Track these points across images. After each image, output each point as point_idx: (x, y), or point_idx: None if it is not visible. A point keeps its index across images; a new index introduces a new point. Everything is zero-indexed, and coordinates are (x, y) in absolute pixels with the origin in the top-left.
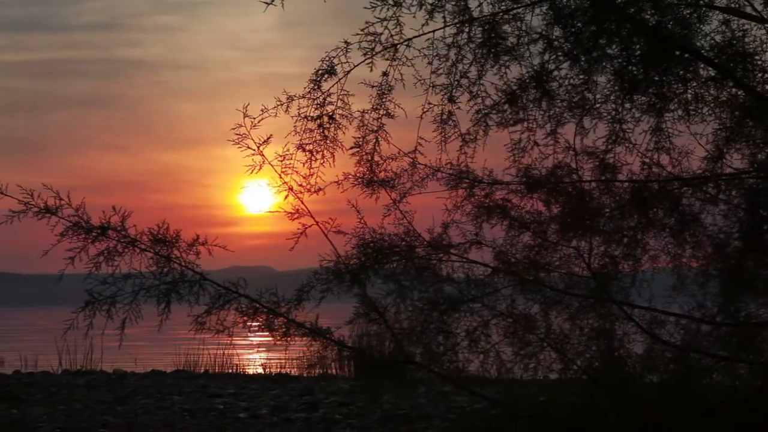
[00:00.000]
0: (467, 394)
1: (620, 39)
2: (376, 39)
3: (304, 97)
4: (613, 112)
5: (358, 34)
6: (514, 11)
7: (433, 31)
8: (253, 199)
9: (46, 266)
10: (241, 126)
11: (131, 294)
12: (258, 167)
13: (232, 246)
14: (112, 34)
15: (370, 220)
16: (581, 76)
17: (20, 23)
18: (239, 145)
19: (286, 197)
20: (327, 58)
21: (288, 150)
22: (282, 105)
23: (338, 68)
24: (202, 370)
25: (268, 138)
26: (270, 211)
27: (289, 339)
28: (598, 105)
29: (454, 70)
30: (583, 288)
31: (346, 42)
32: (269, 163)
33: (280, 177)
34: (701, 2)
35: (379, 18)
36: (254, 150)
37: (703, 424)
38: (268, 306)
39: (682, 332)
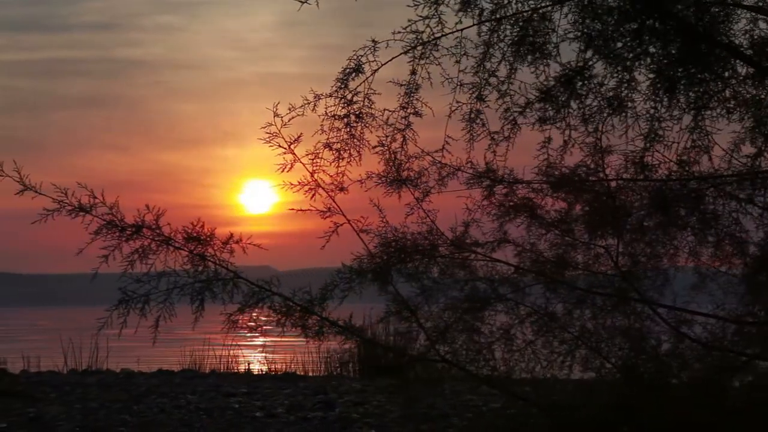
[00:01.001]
0: (483, 393)
1: (661, 37)
2: (418, 37)
3: (331, 95)
4: (652, 110)
5: (399, 32)
6: (545, 9)
7: (461, 30)
8: (255, 197)
9: (46, 266)
10: (271, 125)
11: (164, 292)
12: (289, 166)
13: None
14: (112, 34)
15: (392, 219)
16: (622, 74)
17: (20, 23)
18: (270, 144)
19: (312, 196)
20: (354, 57)
21: (315, 149)
22: (309, 104)
23: (366, 67)
24: (208, 370)
25: (299, 137)
26: (299, 210)
27: (322, 337)
28: (635, 104)
29: (481, 68)
30: (608, 287)
31: (374, 41)
32: (300, 162)
33: (312, 175)
34: (729, 1)
35: (421, 16)
36: (285, 148)
37: (734, 422)
38: (301, 304)
39: (709, 331)
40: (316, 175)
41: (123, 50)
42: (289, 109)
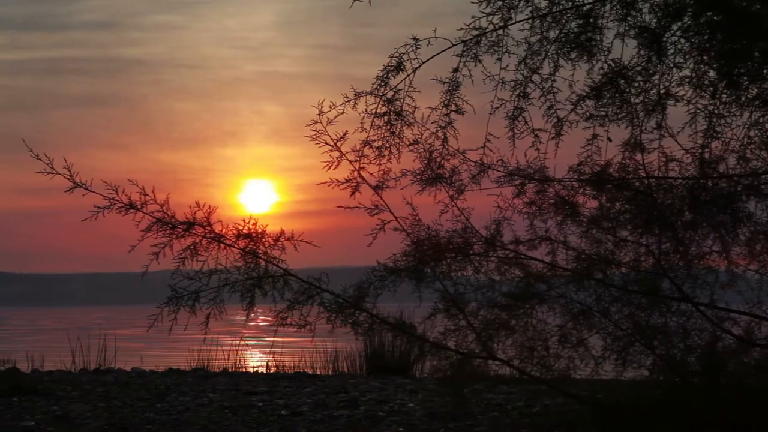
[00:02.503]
0: (503, 392)
1: (726, 32)
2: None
3: (371, 93)
4: (711, 107)
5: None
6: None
7: (505, 26)
8: (255, 197)
9: (46, 266)
10: (317, 122)
11: (214, 290)
12: (336, 163)
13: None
14: (112, 33)
15: (426, 218)
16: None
17: (20, 22)
18: (317, 142)
19: (352, 194)
20: (396, 54)
21: (354, 147)
22: (349, 101)
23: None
24: (218, 370)
25: (344, 134)
26: (346, 207)
27: (372, 334)
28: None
29: (523, 66)
30: (646, 285)
31: (415, 38)
32: (346, 159)
33: (358, 173)
34: None
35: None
36: (332, 146)
37: None
38: (351, 301)
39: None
40: (359, 173)
41: (123, 49)
42: (330, 107)
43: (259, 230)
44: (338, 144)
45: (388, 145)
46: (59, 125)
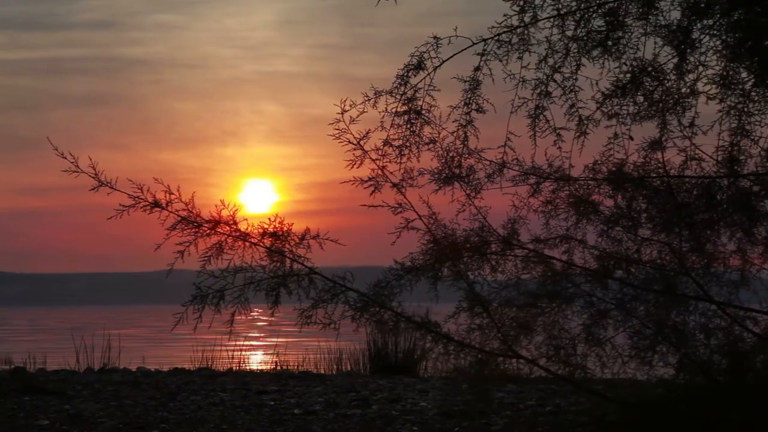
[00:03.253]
0: (512, 391)
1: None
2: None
3: (391, 92)
4: (740, 105)
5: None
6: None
7: (535, 22)
8: (255, 197)
9: (46, 266)
10: (339, 121)
11: (239, 288)
12: (359, 162)
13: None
14: (112, 33)
15: (442, 216)
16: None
17: (20, 21)
18: (340, 140)
19: (372, 193)
20: (416, 53)
21: (375, 146)
22: (369, 100)
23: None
24: (223, 369)
25: (367, 133)
26: (369, 205)
27: (398, 332)
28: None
29: (543, 64)
30: (662, 283)
31: (435, 37)
32: (369, 157)
33: (382, 171)
34: None
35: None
36: (355, 144)
37: None
38: (377, 300)
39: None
40: (383, 171)
41: (123, 49)
42: (350, 106)
43: (285, 229)
44: (361, 143)
45: (408, 144)
46: (59, 125)
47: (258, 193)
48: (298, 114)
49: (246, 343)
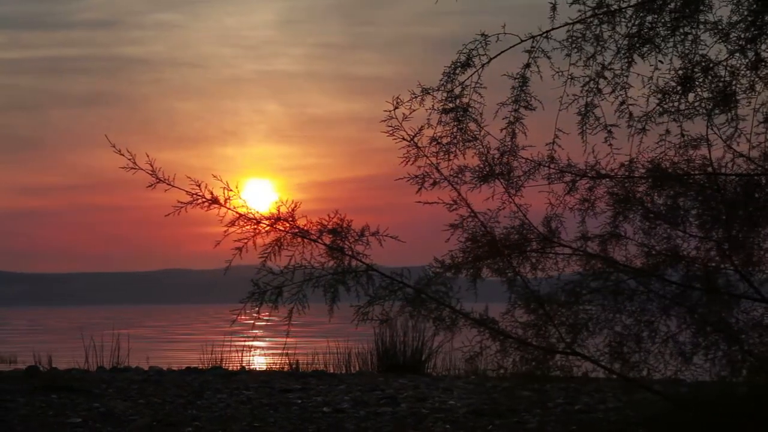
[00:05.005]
0: (535, 390)
1: None
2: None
3: (438, 89)
4: None
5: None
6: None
7: (573, 23)
8: (255, 196)
9: (46, 266)
10: (392, 118)
11: (297, 285)
12: (413, 158)
13: (233, 244)
14: (113, 32)
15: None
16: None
17: (20, 20)
18: (393, 137)
19: (418, 191)
20: (465, 50)
21: (423, 142)
22: (417, 98)
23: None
24: (236, 368)
25: (421, 129)
26: (425, 202)
27: (455, 329)
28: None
29: (592, 62)
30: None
31: (483, 34)
32: (424, 154)
33: (436, 166)
34: None
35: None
36: (408, 141)
37: None
38: (434, 296)
39: None
40: (437, 169)
41: (123, 48)
42: (395, 106)
43: (345, 225)
44: (415, 139)
45: (456, 141)
46: (59, 124)
47: (258, 192)
48: (298, 113)
49: (250, 343)
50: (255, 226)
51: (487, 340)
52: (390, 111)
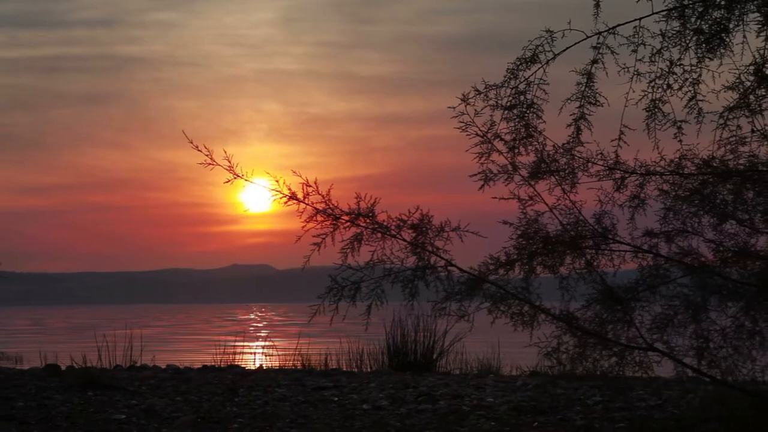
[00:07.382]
0: (569, 387)
1: None
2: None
3: (502, 86)
4: None
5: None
6: None
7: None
8: (254, 196)
9: (46, 266)
10: (463, 113)
11: (376, 280)
12: (487, 154)
13: (233, 244)
14: (112, 31)
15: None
16: None
17: (19, 19)
18: (466, 133)
19: (481, 187)
20: (531, 47)
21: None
22: (480, 94)
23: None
24: (251, 367)
25: (492, 125)
26: (500, 198)
27: (534, 325)
28: None
29: (659, 57)
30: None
31: (549, 31)
32: (497, 149)
33: (511, 164)
34: None
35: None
36: (481, 136)
37: None
38: (514, 293)
39: None
40: (513, 166)
41: (123, 47)
42: (462, 100)
43: (426, 221)
44: (488, 135)
45: (521, 137)
46: (59, 124)
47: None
48: (298, 112)
49: (257, 343)
50: (334, 222)
51: (565, 335)
52: (456, 107)
